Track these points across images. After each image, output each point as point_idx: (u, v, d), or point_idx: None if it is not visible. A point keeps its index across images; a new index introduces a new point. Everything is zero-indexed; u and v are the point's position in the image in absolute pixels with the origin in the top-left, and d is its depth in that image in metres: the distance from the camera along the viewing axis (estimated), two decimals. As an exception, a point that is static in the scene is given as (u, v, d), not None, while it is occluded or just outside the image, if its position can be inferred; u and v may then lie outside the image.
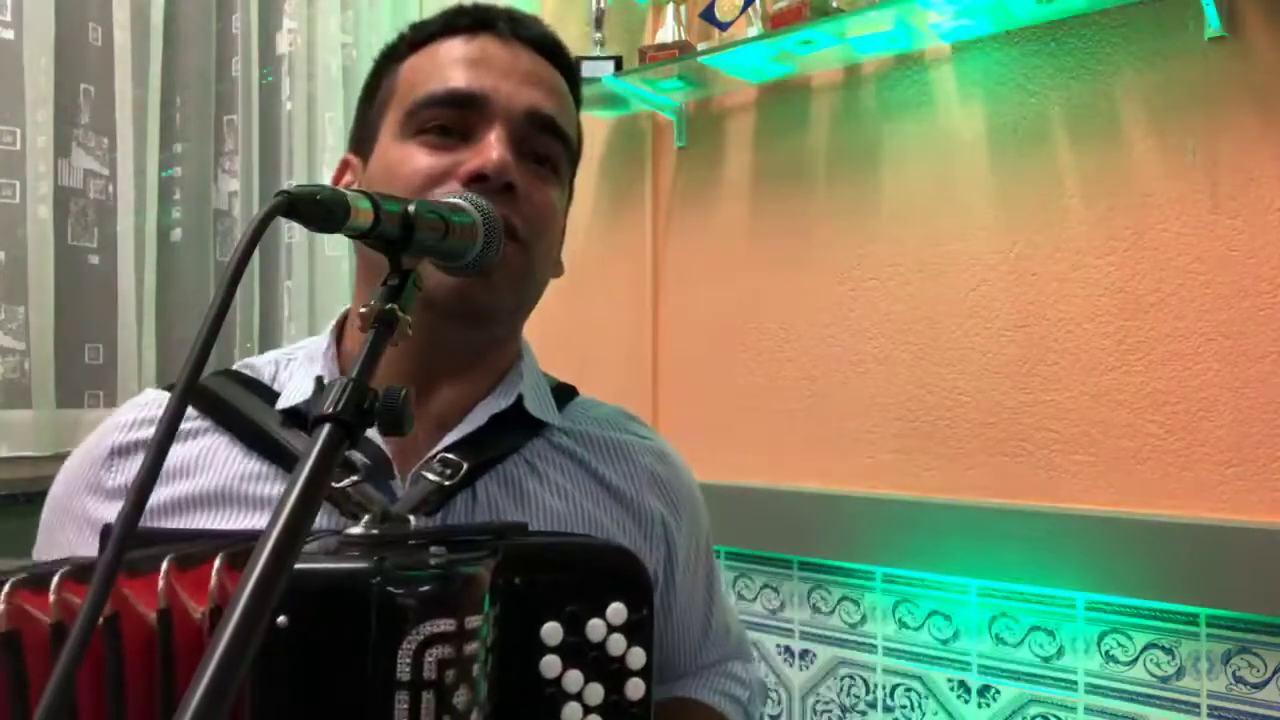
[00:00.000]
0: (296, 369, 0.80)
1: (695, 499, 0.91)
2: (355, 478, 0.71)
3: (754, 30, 1.65)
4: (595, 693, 0.65)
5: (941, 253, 1.57)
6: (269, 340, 1.77)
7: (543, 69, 0.82)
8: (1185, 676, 1.30)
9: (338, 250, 1.78)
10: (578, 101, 0.87)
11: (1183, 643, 1.31)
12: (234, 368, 0.83)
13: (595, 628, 0.66)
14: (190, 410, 0.47)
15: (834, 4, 1.58)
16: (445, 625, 0.55)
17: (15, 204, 1.44)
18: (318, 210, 0.51)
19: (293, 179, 1.76)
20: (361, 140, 0.84)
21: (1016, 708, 1.44)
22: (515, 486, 0.78)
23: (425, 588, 0.56)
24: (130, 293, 1.52)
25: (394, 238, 0.57)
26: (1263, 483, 1.28)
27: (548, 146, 0.80)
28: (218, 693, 0.37)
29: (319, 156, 1.78)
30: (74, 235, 1.54)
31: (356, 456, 0.73)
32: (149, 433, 0.76)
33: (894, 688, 1.55)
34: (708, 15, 1.71)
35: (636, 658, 0.67)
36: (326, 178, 1.77)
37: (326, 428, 0.47)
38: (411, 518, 0.67)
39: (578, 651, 0.65)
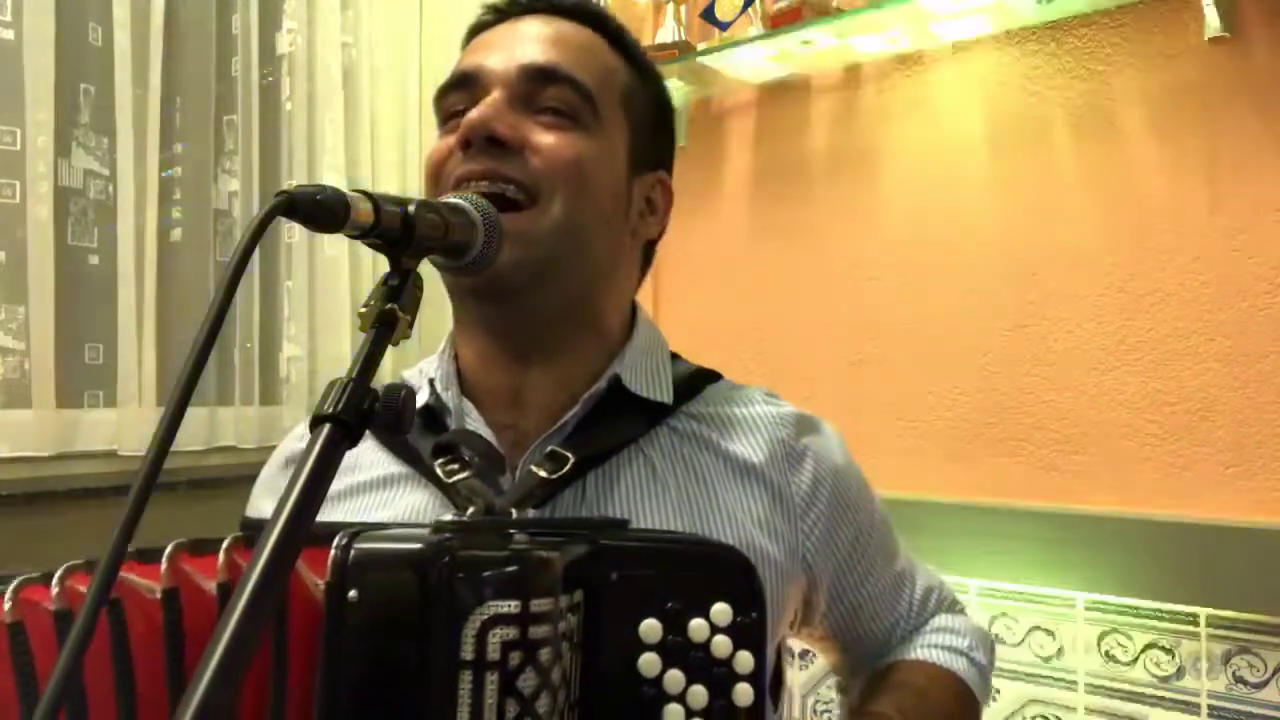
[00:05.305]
0: (425, 375, 0.83)
1: (841, 466, 0.84)
2: (466, 473, 0.72)
3: (754, 30, 1.65)
4: (699, 695, 0.63)
5: (941, 253, 1.57)
6: (269, 340, 1.77)
7: (550, 27, 0.79)
8: (1185, 676, 1.30)
9: (338, 250, 1.78)
10: (624, 49, 0.84)
11: (1183, 643, 1.31)
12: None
13: (698, 627, 0.63)
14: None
15: (834, 4, 1.58)
16: (509, 607, 0.55)
17: (15, 204, 1.44)
18: (318, 210, 0.51)
19: (293, 179, 1.76)
20: None
21: (1016, 708, 1.44)
22: (629, 481, 0.76)
23: (489, 568, 0.56)
24: (130, 293, 1.52)
25: (395, 237, 0.57)
26: (1263, 483, 1.28)
27: (557, 96, 0.75)
28: (227, 670, 0.38)
29: (319, 157, 1.78)
30: (74, 235, 1.54)
31: (466, 452, 0.73)
32: None
33: (894, 688, 1.55)
34: (708, 15, 1.71)
35: (744, 662, 0.63)
36: (326, 177, 1.77)
37: (326, 428, 0.48)
38: (514, 511, 0.68)
39: (679, 651, 0.63)
